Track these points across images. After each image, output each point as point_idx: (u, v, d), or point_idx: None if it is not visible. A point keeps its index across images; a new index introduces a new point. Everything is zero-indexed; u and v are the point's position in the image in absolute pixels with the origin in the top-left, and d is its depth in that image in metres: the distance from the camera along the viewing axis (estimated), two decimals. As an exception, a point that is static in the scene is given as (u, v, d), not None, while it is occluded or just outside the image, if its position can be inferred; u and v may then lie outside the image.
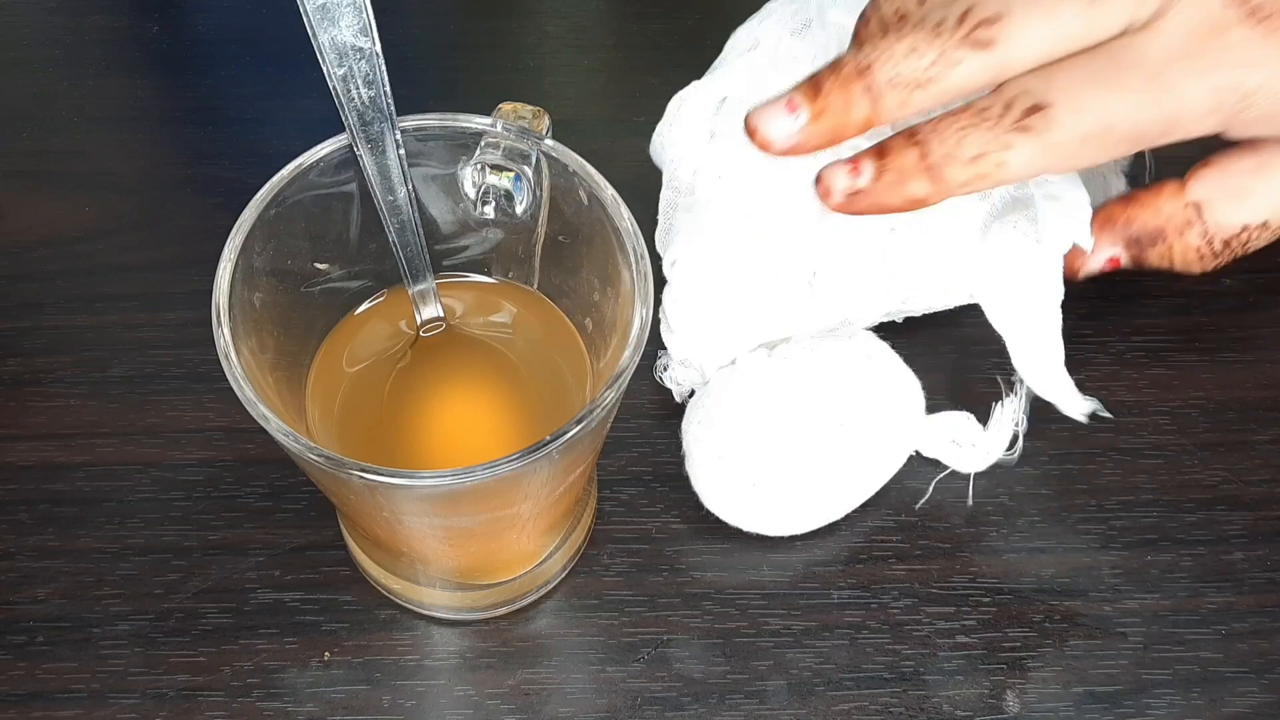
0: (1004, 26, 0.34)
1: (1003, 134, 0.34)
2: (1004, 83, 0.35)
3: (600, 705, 0.37)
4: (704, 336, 0.40)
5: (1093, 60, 0.34)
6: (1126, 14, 0.34)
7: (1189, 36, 0.34)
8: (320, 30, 0.29)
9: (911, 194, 0.35)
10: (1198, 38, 0.34)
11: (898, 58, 0.34)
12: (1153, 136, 0.35)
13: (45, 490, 0.40)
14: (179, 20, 0.54)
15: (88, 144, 0.49)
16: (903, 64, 0.34)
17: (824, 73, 0.35)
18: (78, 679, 0.37)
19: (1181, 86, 0.34)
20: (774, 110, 0.35)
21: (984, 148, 0.34)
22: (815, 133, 0.35)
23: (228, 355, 0.30)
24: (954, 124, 0.34)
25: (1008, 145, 0.34)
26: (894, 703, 0.37)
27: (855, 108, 0.35)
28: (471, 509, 0.33)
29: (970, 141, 0.34)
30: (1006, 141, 0.34)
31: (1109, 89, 0.34)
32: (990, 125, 0.34)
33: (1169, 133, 0.35)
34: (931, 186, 0.35)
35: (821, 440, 0.38)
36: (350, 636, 0.38)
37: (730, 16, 0.55)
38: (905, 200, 0.35)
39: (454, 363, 0.37)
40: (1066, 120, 0.34)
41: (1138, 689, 0.37)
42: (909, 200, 0.35)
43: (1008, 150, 0.34)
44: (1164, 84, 0.34)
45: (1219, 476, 0.41)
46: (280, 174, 0.33)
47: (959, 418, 0.40)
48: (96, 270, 0.45)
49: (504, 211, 0.35)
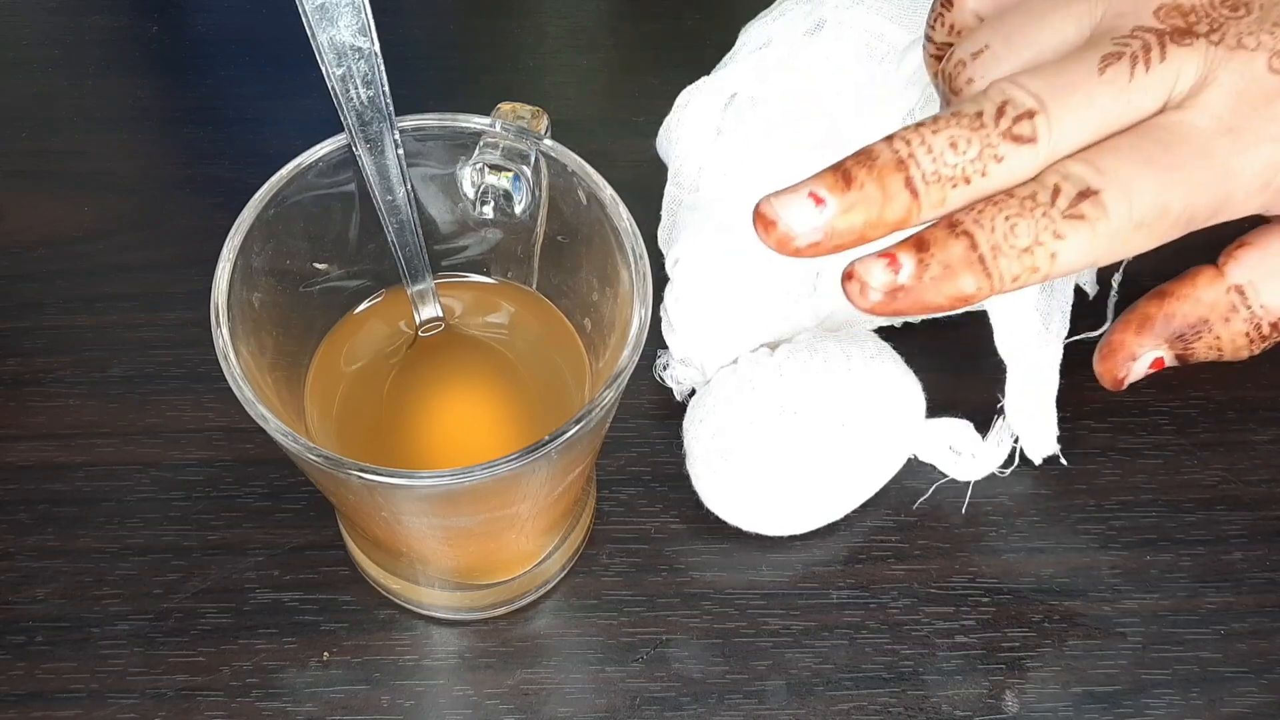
0: (1042, 121, 0.31)
1: (1055, 223, 0.31)
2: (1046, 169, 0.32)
3: (599, 705, 0.37)
4: (706, 335, 0.40)
5: (1139, 140, 0.31)
6: (1166, 90, 0.32)
7: (1234, 109, 0.31)
8: (319, 30, 0.29)
9: (961, 290, 0.31)
10: (1244, 109, 0.31)
11: (938, 150, 0.31)
12: (1203, 218, 0.32)
13: (45, 490, 0.40)
14: (179, 20, 0.54)
15: (88, 144, 0.50)
16: (944, 157, 0.31)
17: (853, 161, 0.31)
18: (77, 679, 0.37)
19: (1232, 162, 0.31)
20: (795, 200, 0.31)
21: (1035, 238, 0.31)
22: (844, 228, 0.31)
23: (227, 355, 0.30)
24: (999, 213, 0.31)
25: (1060, 235, 0.31)
26: (893, 703, 0.37)
27: (894, 203, 0.31)
28: (470, 509, 0.33)
29: (1021, 231, 0.31)
30: (1059, 230, 0.31)
31: (1159, 170, 0.31)
32: (1042, 213, 0.31)
33: (1219, 213, 0.32)
34: (981, 281, 0.31)
35: (823, 440, 0.37)
36: (349, 636, 0.38)
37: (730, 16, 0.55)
38: (951, 298, 0.31)
39: (453, 363, 0.37)
40: (1119, 207, 0.31)
41: (1137, 689, 0.37)
42: (955, 298, 0.31)
43: (1060, 240, 0.31)
44: (1214, 161, 0.31)
45: (1219, 476, 0.41)
46: (279, 174, 0.33)
47: (958, 425, 0.40)
48: (96, 270, 0.45)
49: (503, 211, 0.35)
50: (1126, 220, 0.31)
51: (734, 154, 0.41)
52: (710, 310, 0.40)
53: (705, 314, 0.40)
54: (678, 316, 0.40)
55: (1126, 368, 0.34)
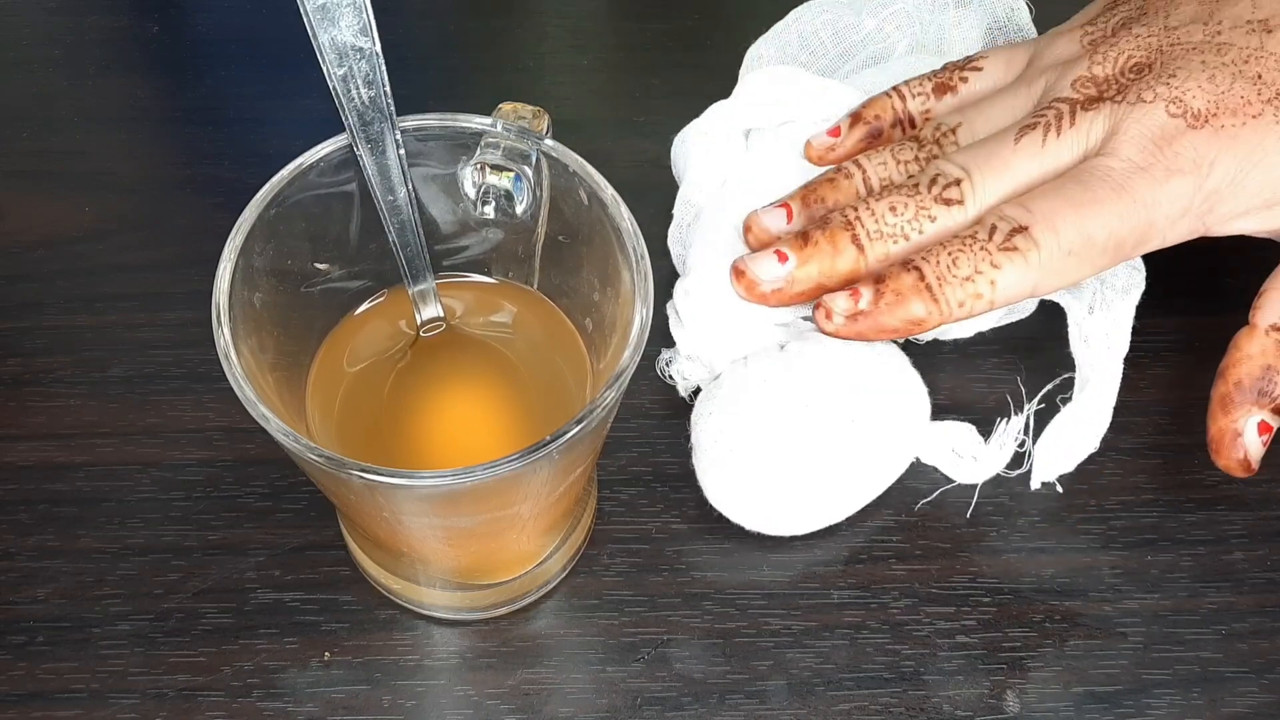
0: (967, 186, 0.38)
1: (991, 255, 0.37)
2: (983, 215, 0.38)
3: (600, 705, 0.37)
4: (716, 331, 0.40)
5: (1063, 184, 0.37)
6: (1080, 147, 0.38)
7: (1142, 150, 0.37)
8: (320, 30, 0.29)
9: (911, 314, 0.37)
10: (1150, 149, 0.37)
11: (879, 214, 0.38)
12: (1131, 245, 0.37)
13: (45, 490, 0.40)
14: (179, 20, 0.54)
15: (88, 144, 0.49)
16: (886, 220, 0.38)
17: (811, 226, 0.39)
18: (78, 679, 0.37)
19: (1147, 195, 0.36)
20: (763, 257, 0.39)
21: (975, 268, 0.37)
22: (804, 277, 0.38)
23: (228, 355, 0.30)
24: (944, 250, 0.37)
25: (996, 265, 0.37)
26: (894, 703, 0.37)
27: (843, 256, 0.38)
28: (471, 509, 0.33)
29: (962, 263, 0.37)
30: (996, 261, 0.37)
31: (1080, 205, 0.36)
32: (980, 247, 0.37)
33: (1146, 239, 0.37)
34: (929, 306, 0.37)
35: (832, 436, 0.38)
36: (350, 636, 0.38)
37: (730, 16, 0.55)
38: (904, 322, 0.37)
39: (454, 363, 0.37)
40: (1047, 238, 0.36)
41: (1138, 689, 0.37)
42: (907, 322, 0.37)
43: (998, 270, 0.37)
44: (1131, 195, 0.36)
45: (1219, 476, 0.41)
46: (280, 174, 0.33)
47: (961, 428, 0.40)
48: (96, 270, 0.45)
49: (504, 211, 0.35)
50: (1055, 249, 0.36)
51: (758, 168, 0.42)
52: (721, 308, 0.40)
53: (716, 311, 0.40)
54: (688, 312, 0.40)
55: (1240, 447, 0.37)
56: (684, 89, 0.45)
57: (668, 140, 0.45)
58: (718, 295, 0.40)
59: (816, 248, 0.38)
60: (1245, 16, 0.38)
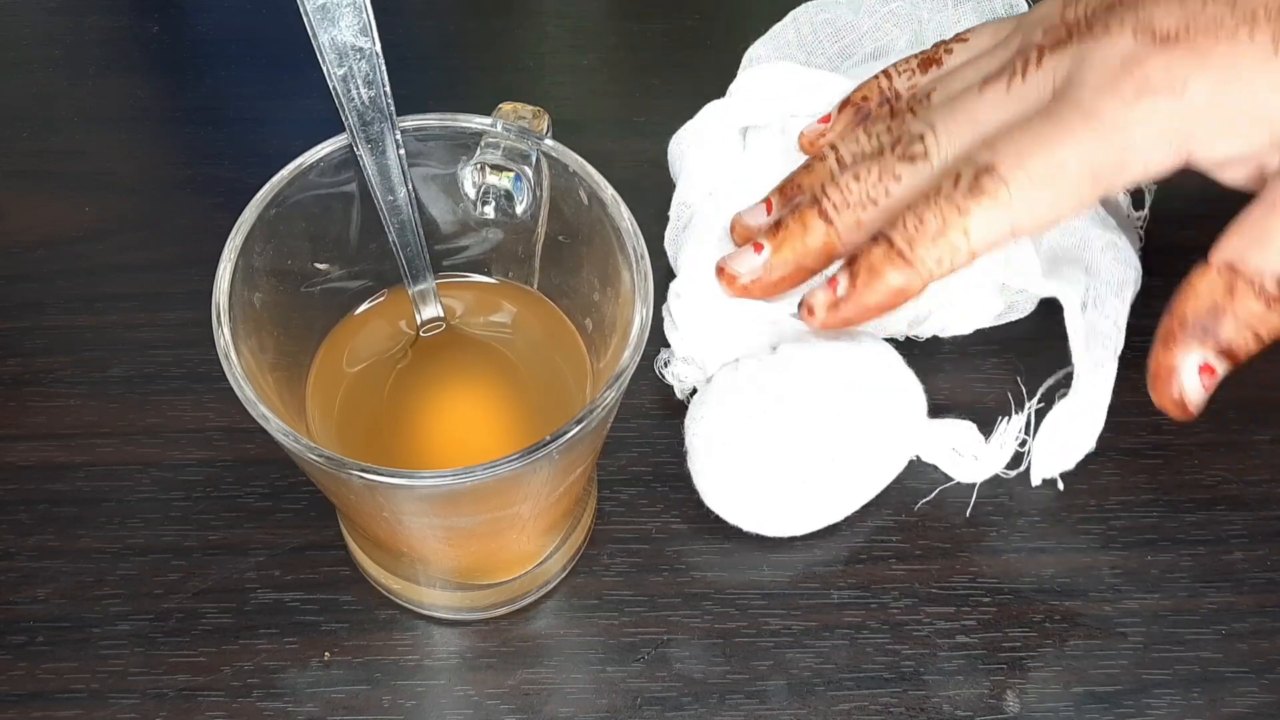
0: (930, 140, 0.36)
1: (958, 202, 0.35)
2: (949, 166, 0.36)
3: (600, 705, 0.37)
4: (709, 334, 0.40)
5: (1029, 121, 0.35)
6: (1047, 87, 0.36)
7: (1112, 75, 0.35)
8: (320, 30, 0.29)
9: (890, 285, 0.36)
10: (1118, 73, 0.35)
11: (844, 184, 0.37)
12: (1110, 173, 0.35)
13: (45, 490, 0.40)
14: (179, 20, 0.54)
15: (88, 144, 0.49)
16: (851, 188, 0.37)
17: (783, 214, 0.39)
18: (78, 679, 0.37)
19: (1119, 119, 0.34)
20: (742, 252, 0.39)
21: (944, 220, 0.35)
22: (779, 262, 0.38)
23: (228, 355, 0.30)
24: (909, 212, 0.36)
25: (966, 212, 0.35)
26: (894, 703, 0.37)
27: (813, 233, 0.38)
28: (471, 509, 0.33)
29: (929, 219, 0.35)
30: (964, 208, 0.35)
31: (1047, 135, 0.35)
32: (944, 199, 0.35)
33: (1125, 166, 0.35)
34: (907, 272, 0.36)
35: (826, 439, 0.38)
36: (350, 636, 0.38)
37: (730, 16, 0.55)
38: (887, 294, 0.36)
39: (454, 363, 0.37)
40: (1015, 174, 0.34)
41: (1138, 689, 0.37)
42: (890, 293, 0.36)
43: (967, 216, 0.35)
44: (1101, 120, 0.34)
45: (1219, 476, 0.41)
46: (280, 174, 0.33)
47: (961, 426, 0.40)
48: (96, 270, 0.45)
49: (504, 211, 0.35)
50: (1026, 183, 0.34)
51: (754, 169, 0.42)
52: (715, 310, 0.40)
53: (709, 313, 0.40)
54: (681, 315, 0.40)
55: (1177, 386, 0.35)
56: (684, 89, 0.45)
57: (667, 140, 0.45)
58: (709, 297, 0.40)
59: (787, 230, 0.38)
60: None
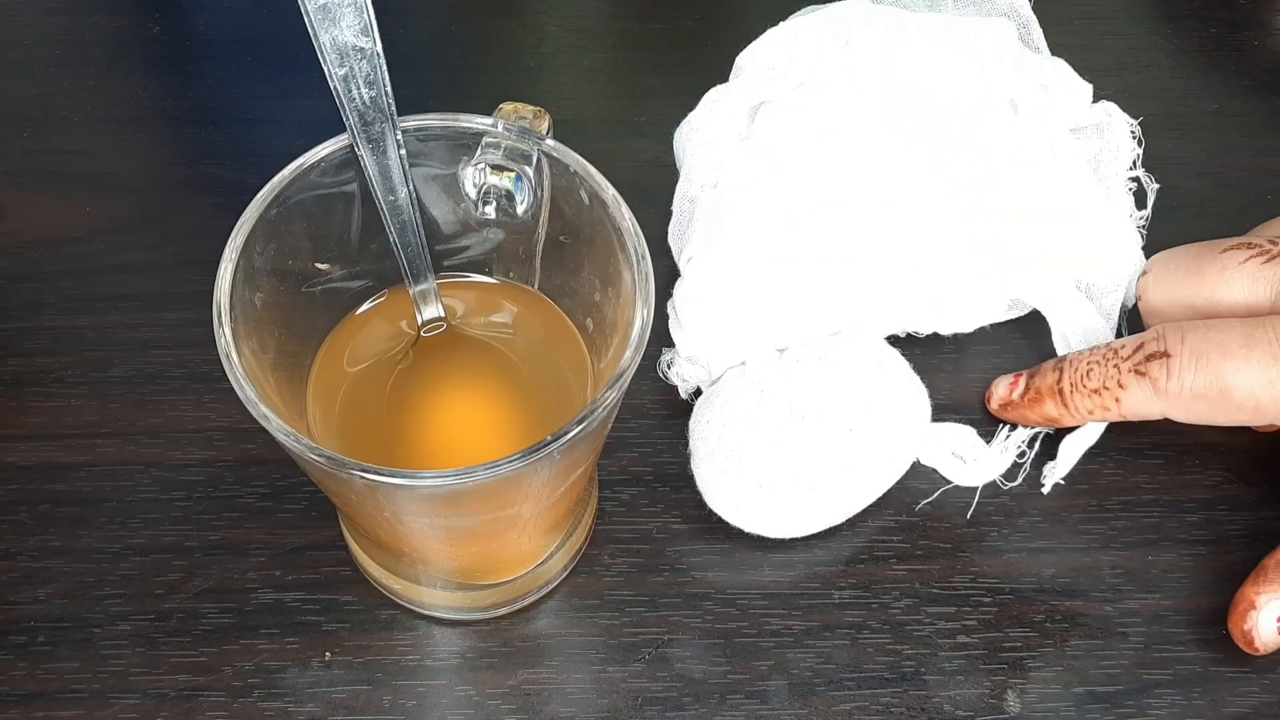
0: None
1: (1122, 374, 0.37)
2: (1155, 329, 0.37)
3: (601, 705, 0.37)
4: (714, 335, 0.40)
5: (1230, 328, 0.36)
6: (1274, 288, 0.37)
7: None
8: (321, 30, 0.29)
9: (1046, 413, 0.40)
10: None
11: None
12: (1272, 414, 0.36)
13: (46, 490, 0.40)
14: (179, 20, 0.54)
15: (88, 144, 0.49)
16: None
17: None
18: (79, 679, 0.37)
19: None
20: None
21: (1104, 382, 0.38)
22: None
23: (229, 355, 0.30)
24: (1089, 357, 0.38)
25: (1124, 385, 0.37)
26: (895, 703, 0.37)
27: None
28: (472, 509, 0.32)
29: (1094, 375, 0.38)
30: (1124, 381, 0.37)
31: (1232, 356, 0.35)
32: (1115, 363, 0.38)
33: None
34: (1060, 409, 0.39)
35: (829, 444, 0.37)
36: (351, 637, 0.38)
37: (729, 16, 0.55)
38: (1041, 418, 0.40)
39: (455, 363, 0.37)
40: (1183, 374, 0.36)
41: (1138, 689, 0.37)
42: (1044, 418, 0.40)
43: (1124, 390, 0.37)
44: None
45: (1219, 476, 0.41)
46: (281, 174, 0.33)
47: (961, 431, 0.40)
48: (97, 270, 0.45)
49: (505, 212, 0.35)
50: (1187, 387, 0.36)
51: (758, 160, 0.42)
52: (720, 311, 0.40)
53: (715, 314, 0.40)
54: (687, 315, 0.40)
55: (1252, 622, 0.36)
56: (684, 89, 0.45)
57: (668, 140, 0.45)
58: (716, 298, 0.40)
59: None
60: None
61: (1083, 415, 0.39)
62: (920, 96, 0.42)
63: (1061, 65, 0.44)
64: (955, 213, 0.41)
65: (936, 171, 0.41)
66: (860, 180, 0.41)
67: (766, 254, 0.40)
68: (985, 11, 0.47)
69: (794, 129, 0.42)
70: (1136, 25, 0.55)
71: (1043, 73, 0.44)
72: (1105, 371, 0.38)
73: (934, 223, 0.41)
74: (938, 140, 0.42)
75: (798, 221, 0.40)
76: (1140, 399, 0.37)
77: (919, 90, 0.42)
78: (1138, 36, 0.55)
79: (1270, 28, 0.55)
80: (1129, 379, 0.37)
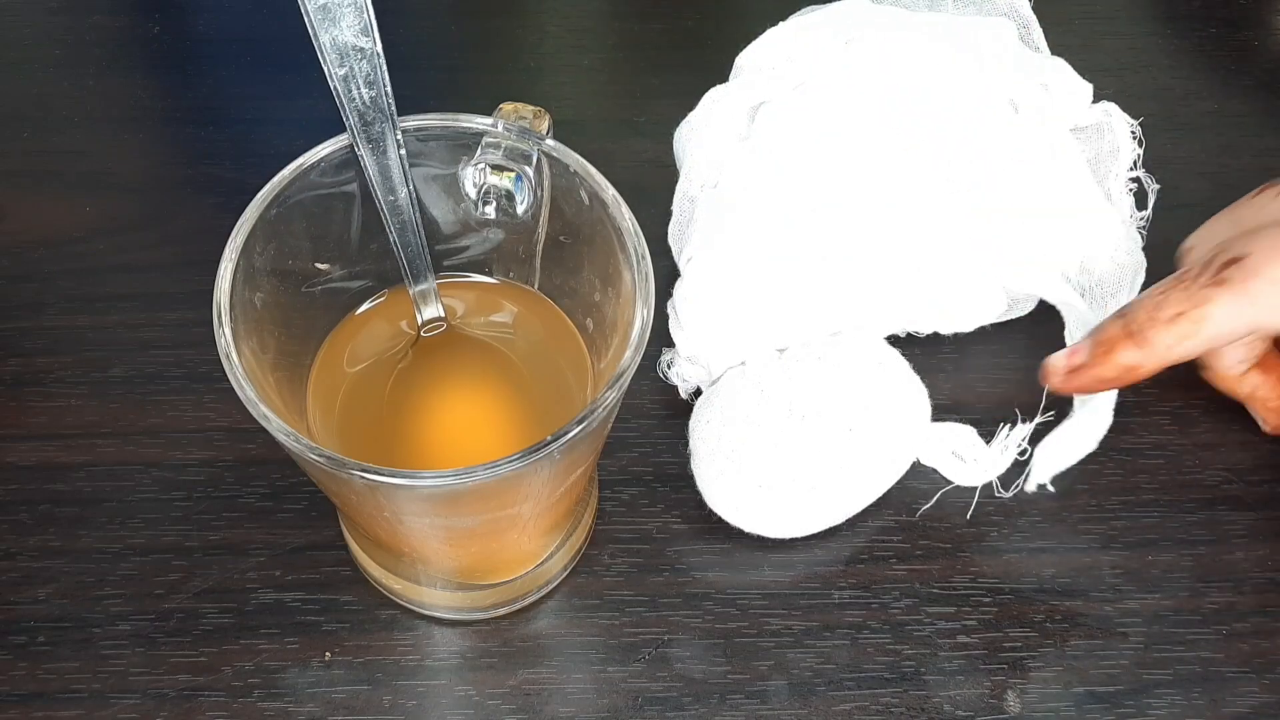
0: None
1: (1199, 290, 0.35)
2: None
3: (601, 705, 0.37)
4: (715, 335, 0.40)
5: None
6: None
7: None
8: (321, 30, 0.29)
9: (1122, 361, 0.37)
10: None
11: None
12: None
13: (46, 490, 0.40)
14: (179, 20, 0.54)
15: (88, 144, 0.49)
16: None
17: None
18: (79, 679, 0.37)
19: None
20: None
21: (1182, 306, 0.36)
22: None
23: (229, 355, 0.30)
24: (1156, 291, 0.37)
25: (1206, 299, 0.35)
26: (895, 703, 0.37)
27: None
28: (472, 509, 0.32)
29: (1169, 303, 0.36)
30: (1205, 296, 0.35)
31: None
32: (1187, 285, 0.36)
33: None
34: (1139, 352, 0.36)
35: (829, 444, 0.37)
36: (351, 637, 0.38)
37: (729, 16, 0.55)
38: (1118, 370, 0.37)
39: (455, 363, 0.37)
40: (1264, 267, 0.34)
41: (1139, 689, 0.37)
42: (1122, 369, 0.37)
43: (1207, 304, 0.35)
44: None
45: (1219, 476, 0.41)
46: (281, 174, 0.33)
47: (961, 430, 0.40)
48: (97, 270, 0.45)
49: (505, 212, 0.35)
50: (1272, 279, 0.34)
51: (759, 160, 0.42)
52: (720, 311, 0.40)
53: (715, 314, 0.40)
54: (687, 315, 0.40)
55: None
56: (684, 89, 0.45)
57: (668, 140, 0.45)
58: (716, 298, 0.40)
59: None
60: None
61: (1165, 351, 0.36)
62: (920, 96, 0.42)
63: (1061, 65, 0.44)
64: (955, 213, 0.41)
65: (936, 171, 0.41)
66: (860, 180, 0.41)
67: (766, 254, 0.40)
68: (985, 11, 0.47)
69: (794, 129, 0.42)
70: (1136, 25, 0.55)
71: (1043, 73, 0.44)
72: (1180, 296, 0.36)
73: (934, 223, 0.41)
74: (938, 140, 0.42)
75: (798, 221, 0.41)
76: (1226, 311, 0.35)
77: (919, 90, 0.42)
78: (1138, 36, 0.55)
79: (1270, 28, 0.55)
80: (1209, 292, 0.35)
